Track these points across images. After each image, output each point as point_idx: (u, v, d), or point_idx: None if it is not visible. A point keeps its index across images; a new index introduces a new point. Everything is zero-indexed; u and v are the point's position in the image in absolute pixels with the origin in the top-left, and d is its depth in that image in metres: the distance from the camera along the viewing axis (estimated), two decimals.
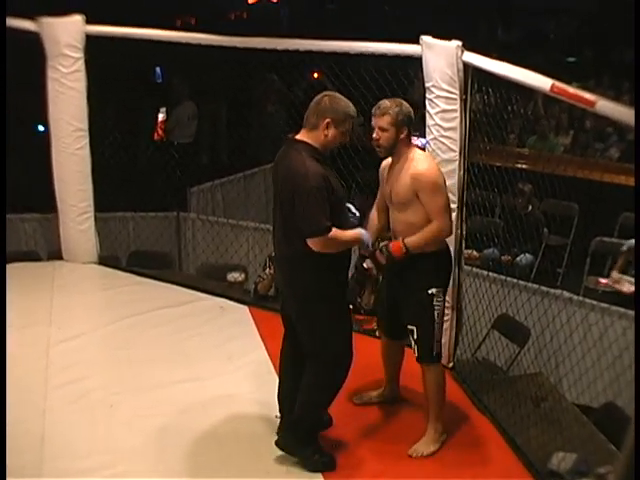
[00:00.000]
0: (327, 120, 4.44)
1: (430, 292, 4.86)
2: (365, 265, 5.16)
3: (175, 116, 11.67)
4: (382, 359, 5.39)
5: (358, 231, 4.62)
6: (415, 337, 4.92)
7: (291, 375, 4.83)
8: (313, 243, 4.36)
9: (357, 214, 5.02)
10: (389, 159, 4.96)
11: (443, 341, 5.70)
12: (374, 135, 4.82)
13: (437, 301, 4.89)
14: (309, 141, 4.48)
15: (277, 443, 4.77)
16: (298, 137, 4.54)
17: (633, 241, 7.70)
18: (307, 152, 4.43)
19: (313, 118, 4.49)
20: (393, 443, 5.02)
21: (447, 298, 5.19)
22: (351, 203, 4.96)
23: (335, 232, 4.37)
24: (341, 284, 4.65)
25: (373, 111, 4.82)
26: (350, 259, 4.70)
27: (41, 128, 10.30)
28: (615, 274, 7.82)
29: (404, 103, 4.84)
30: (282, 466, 4.73)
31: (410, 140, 4.88)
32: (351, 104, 4.58)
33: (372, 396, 5.43)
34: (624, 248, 7.86)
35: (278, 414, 4.98)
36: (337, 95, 4.58)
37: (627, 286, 7.55)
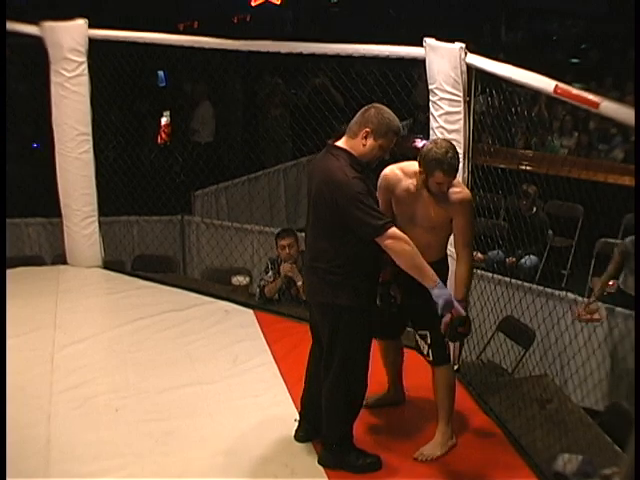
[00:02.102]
0: (367, 129, 4.39)
1: None
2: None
3: (199, 117, 11.71)
4: (382, 362, 5.36)
5: (438, 280, 4.43)
6: (430, 342, 4.90)
7: (317, 381, 4.80)
8: (381, 241, 4.31)
9: None
10: (398, 174, 4.85)
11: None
12: (444, 190, 4.71)
13: None
14: (348, 149, 4.43)
15: (319, 462, 4.77)
16: (338, 144, 4.49)
17: (629, 240, 7.22)
18: (346, 160, 4.39)
19: (355, 126, 4.44)
20: (398, 445, 5.01)
21: None
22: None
23: (410, 242, 4.34)
24: (371, 301, 4.63)
25: (446, 170, 4.62)
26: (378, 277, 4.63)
27: None
28: (593, 303, 6.66)
29: (455, 147, 4.78)
30: (287, 468, 4.74)
31: None
32: (396, 119, 4.48)
33: (377, 399, 5.41)
34: (616, 252, 7.03)
35: (297, 417, 5.02)
36: (384, 108, 4.50)
37: (600, 313, 6.60)
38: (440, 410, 4.99)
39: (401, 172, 4.86)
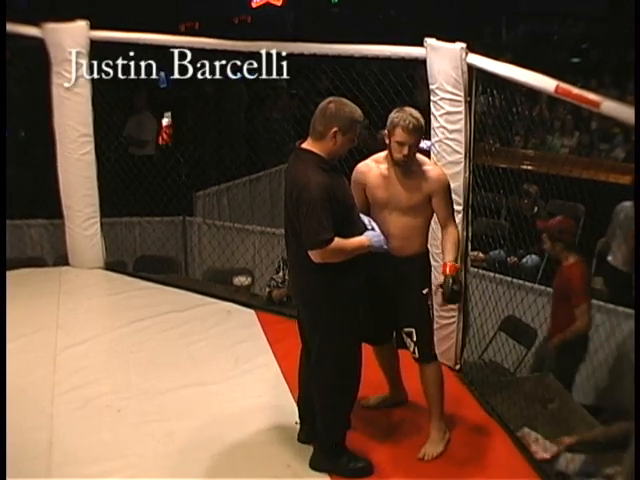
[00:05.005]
0: (334, 129, 4.34)
1: (425, 292, 4.88)
2: (454, 287, 4.77)
3: (149, 127, 11.11)
4: (379, 365, 5.32)
5: (364, 237, 4.47)
6: (415, 339, 4.89)
7: (309, 380, 4.79)
8: (313, 255, 4.33)
9: (372, 228, 4.61)
10: (369, 164, 4.88)
11: (450, 344, 5.73)
12: (405, 153, 4.66)
13: (429, 301, 4.92)
14: (316, 150, 4.39)
15: (310, 465, 4.76)
16: (304, 146, 4.45)
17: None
18: (313, 162, 4.36)
19: (320, 127, 4.38)
20: (401, 445, 5.02)
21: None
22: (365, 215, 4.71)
23: (337, 242, 4.31)
24: (351, 291, 4.55)
25: (405, 126, 4.61)
26: (364, 266, 4.55)
27: None
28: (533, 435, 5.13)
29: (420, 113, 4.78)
30: (289, 469, 4.74)
31: None
32: (357, 108, 4.45)
33: (378, 400, 5.41)
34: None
35: (297, 420, 5.00)
36: (342, 100, 4.46)
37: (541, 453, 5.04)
38: (432, 406, 4.99)
39: (373, 162, 4.90)
